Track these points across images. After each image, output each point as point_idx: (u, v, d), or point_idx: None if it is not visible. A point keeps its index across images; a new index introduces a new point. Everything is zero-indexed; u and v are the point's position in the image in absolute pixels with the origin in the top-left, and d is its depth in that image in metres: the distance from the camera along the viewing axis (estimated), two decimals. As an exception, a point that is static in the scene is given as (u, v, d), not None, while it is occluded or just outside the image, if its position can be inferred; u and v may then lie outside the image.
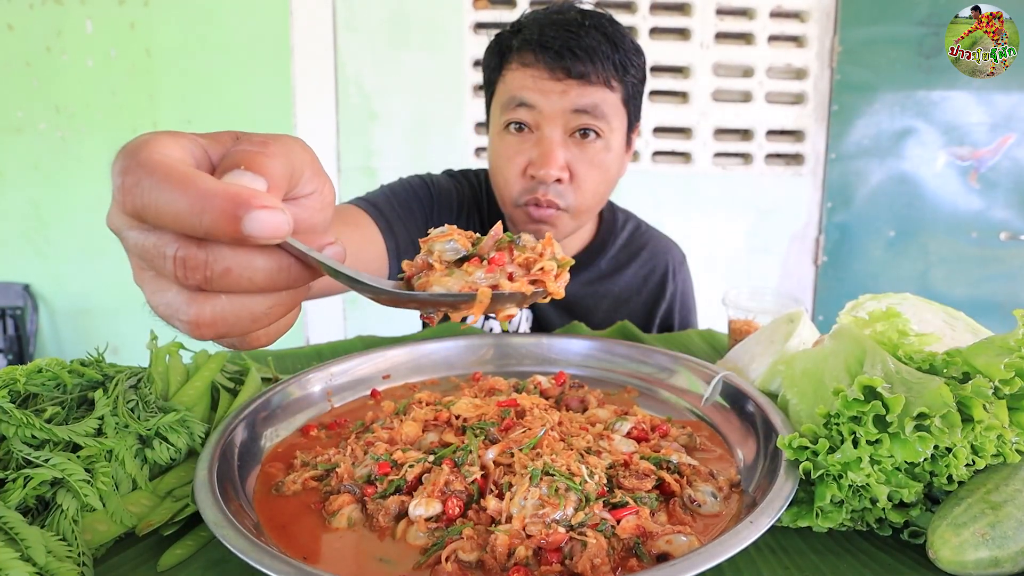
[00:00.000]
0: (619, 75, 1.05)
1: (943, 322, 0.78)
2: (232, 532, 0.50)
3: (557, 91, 1.02)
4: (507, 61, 1.08)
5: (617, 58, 1.05)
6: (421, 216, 1.18)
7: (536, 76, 1.03)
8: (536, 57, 1.03)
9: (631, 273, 1.28)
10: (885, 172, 2.73)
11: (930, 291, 2.79)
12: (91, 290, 2.55)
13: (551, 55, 1.02)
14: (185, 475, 0.64)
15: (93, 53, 2.38)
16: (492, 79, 1.12)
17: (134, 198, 0.33)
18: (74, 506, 0.54)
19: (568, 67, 1.01)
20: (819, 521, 0.57)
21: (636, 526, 0.53)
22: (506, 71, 1.08)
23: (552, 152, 1.03)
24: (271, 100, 2.46)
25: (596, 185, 1.09)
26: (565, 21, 1.03)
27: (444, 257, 0.46)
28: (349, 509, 0.59)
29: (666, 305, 1.30)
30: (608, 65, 1.03)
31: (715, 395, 0.79)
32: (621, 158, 1.14)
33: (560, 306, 1.26)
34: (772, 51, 2.62)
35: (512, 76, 1.06)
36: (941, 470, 0.55)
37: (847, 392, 0.56)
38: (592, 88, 1.03)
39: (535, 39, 1.03)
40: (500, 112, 1.09)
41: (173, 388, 0.76)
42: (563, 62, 1.01)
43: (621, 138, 1.11)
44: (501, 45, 1.09)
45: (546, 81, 1.03)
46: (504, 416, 0.69)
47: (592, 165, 1.07)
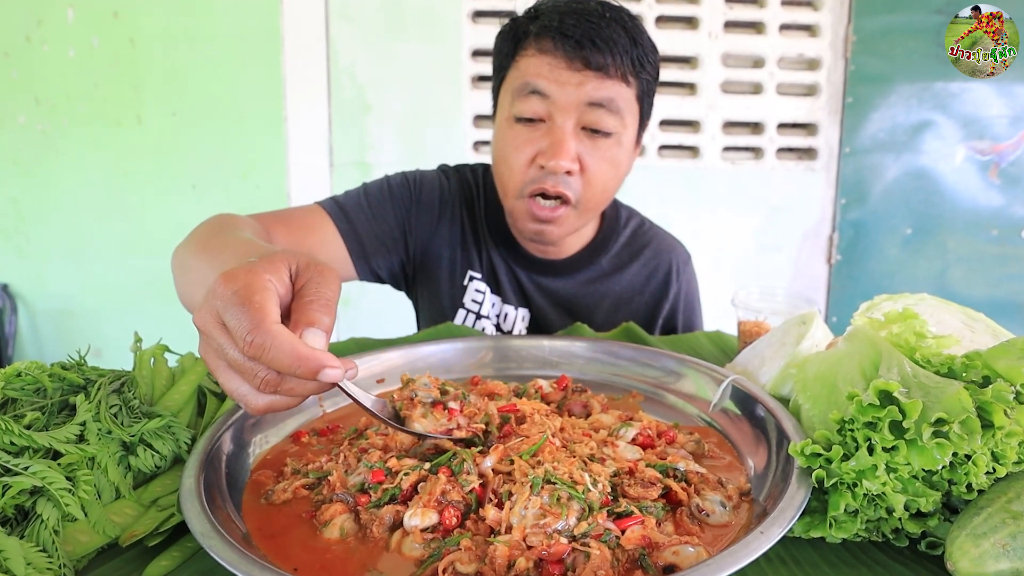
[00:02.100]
0: (636, 71, 1.06)
1: (962, 324, 0.78)
2: (220, 543, 0.50)
3: (573, 82, 1.03)
4: (522, 47, 1.08)
5: (636, 53, 1.06)
6: (396, 217, 1.22)
7: (553, 64, 1.04)
8: (555, 44, 1.03)
9: (633, 272, 1.29)
10: (901, 167, 2.73)
11: (948, 291, 2.79)
12: (73, 290, 2.55)
13: (571, 44, 1.02)
14: (171, 483, 0.64)
15: (75, 43, 2.38)
16: (504, 65, 1.12)
17: (253, 349, 0.50)
18: (55, 516, 0.54)
19: (587, 57, 1.02)
20: (833, 531, 0.56)
21: (641, 536, 0.53)
22: (520, 57, 1.08)
23: (564, 142, 1.04)
24: (261, 92, 2.46)
25: (606, 181, 1.11)
26: (586, 11, 1.04)
27: (422, 399, 0.69)
28: (342, 519, 0.59)
29: (669, 305, 1.31)
30: (627, 60, 1.04)
31: (724, 400, 0.79)
32: (630, 155, 1.15)
33: (559, 305, 1.27)
34: (784, 40, 2.62)
35: (527, 62, 1.07)
36: (960, 478, 0.55)
37: (862, 397, 0.56)
38: (609, 81, 1.04)
39: (555, 26, 1.04)
40: (511, 99, 1.09)
41: (158, 392, 0.76)
42: (582, 52, 1.02)
43: (632, 135, 1.12)
44: (517, 30, 1.10)
45: (563, 70, 1.03)
46: (504, 422, 0.69)
47: (603, 160, 1.08)
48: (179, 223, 1.04)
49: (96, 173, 2.47)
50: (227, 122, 2.47)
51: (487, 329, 1.26)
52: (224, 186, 2.50)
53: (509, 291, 1.26)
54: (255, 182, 2.51)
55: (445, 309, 1.26)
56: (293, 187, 2.53)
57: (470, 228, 1.26)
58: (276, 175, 2.51)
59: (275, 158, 2.50)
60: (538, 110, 1.06)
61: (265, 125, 2.48)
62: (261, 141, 2.49)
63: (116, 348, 2.46)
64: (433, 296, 1.28)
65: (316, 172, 2.53)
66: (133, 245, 2.51)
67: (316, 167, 2.53)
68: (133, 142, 2.45)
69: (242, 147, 2.49)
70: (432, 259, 1.27)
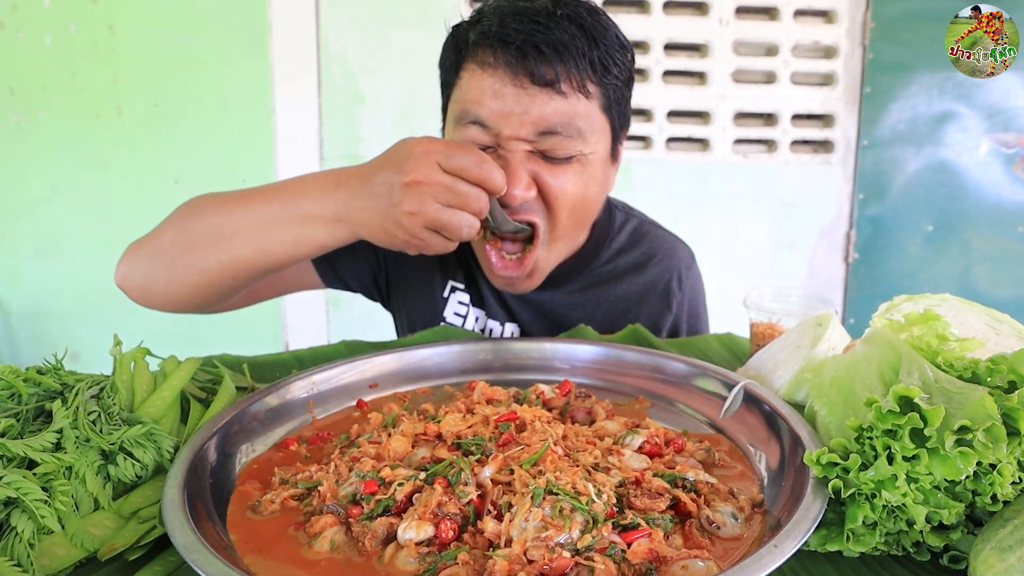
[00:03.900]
0: (597, 77, 0.96)
1: (986, 326, 0.78)
2: (204, 557, 0.50)
3: (519, 108, 0.93)
4: (463, 60, 0.99)
5: (596, 55, 0.95)
6: None
7: (494, 83, 0.94)
8: (495, 56, 0.94)
9: (630, 281, 1.21)
10: (923, 160, 2.73)
11: (972, 291, 2.79)
12: (49, 290, 2.55)
13: (512, 52, 0.92)
14: (152, 494, 0.64)
15: (51, 29, 2.38)
16: (448, 82, 1.04)
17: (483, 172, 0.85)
18: (30, 528, 0.54)
19: (532, 70, 0.92)
20: (850, 545, 0.56)
21: (648, 550, 0.53)
22: (463, 72, 0.99)
23: (515, 171, 0.94)
24: (247, 81, 2.46)
25: (574, 206, 1.02)
26: (532, 11, 0.94)
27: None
28: (332, 532, 0.59)
29: (672, 317, 1.24)
30: (584, 65, 0.94)
31: (736, 406, 0.79)
32: (604, 173, 1.06)
33: (547, 318, 1.20)
34: (798, 27, 2.61)
35: (467, 82, 0.97)
36: (984, 488, 0.55)
37: (881, 403, 0.56)
38: (560, 99, 0.94)
39: (494, 32, 0.93)
40: (453, 126, 1.01)
41: (139, 398, 0.76)
42: (526, 63, 0.92)
43: (604, 150, 1.03)
44: (458, 39, 1.00)
45: (507, 89, 0.93)
46: (502, 431, 0.69)
47: (567, 185, 0.99)
48: (161, 219, 1.04)
49: (73, 167, 2.46)
50: (212, 113, 2.46)
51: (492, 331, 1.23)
52: (209, 180, 2.49)
53: (493, 304, 1.20)
54: (241, 176, 2.51)
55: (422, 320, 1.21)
56: (281, 182, 2.53)
57: None
58: (263, 169, 2.51)
59: (262, 151, 2.50)
60: (481, 139, 0.97)
61: (252, 116, 2.48)
62: (248, 133, 2.49)
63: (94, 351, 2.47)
64: (411, 309, 1.23)
65: (305, 166, 2.53)
66: (112, 243, 2.47)
67: (305, 160, 2.53)
68: (112, 134, 2.44)
69: (228, 139, 2.49)
70: (407, 268, 1.22)
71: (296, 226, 0.91)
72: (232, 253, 0.93)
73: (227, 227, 0.93)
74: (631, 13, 2.52)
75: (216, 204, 0.97)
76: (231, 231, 0.93)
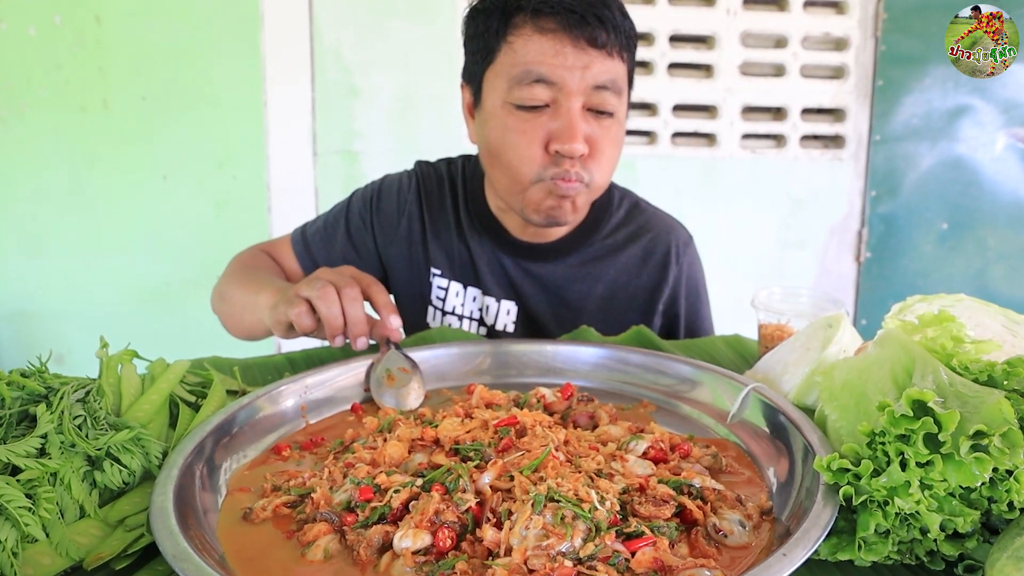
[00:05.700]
0: (627, 44, 1.11)
1: (1003, 327, 0.78)
2: (194, 566, 0.50)
3: (580, 65, 1.06)
4: (514, 25, 1.09)
5: (627, 26, 1.10)
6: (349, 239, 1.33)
7: (556, 46, 1.06)
8: (557, 22, 1.05)
9: (628, 254, 1.30)
10: (937, 156, 2.73)
11: (988, 292, 2.79)
12: (32, 290, 2.55)
13: (575, 20, 1.04)
14: (140, 501, 0.64)
15: (35, 20, 2.38)
16: (491, 47, 1.12)
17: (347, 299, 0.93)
18: (13, 536, 0.54)
19: (592, 36, 1.05)
20: (862, 554, 0.56)
21: (653, 559, 0.53)
22: (514, 37, 1.09)
23: (575, 126, 1.07)
24: (237, 74, 2.46)
25: (612, 161, 1.16)
26: None
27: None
28: (326, 540, 0.59)
29: (670, 290, 1.31)
30: (620, 35, 1.08)
31: (744, 410, 0.79)
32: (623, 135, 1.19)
33: (549, 292, 1.28)
34: (808, 18, 2.62)
35: (524, 45, 1.08)
36: (1001, 496, 0.55)
37: (894, 407, 0.56)
38: (609, 60, 1.08)
39: (555, 0, 1.06)
40: (507, 86, 1.10)
41: (126, 402, 0.76)
42: (587, 30, 1.05)
43: (623, 115, 1.17)
44: (506, 5, 1.10)
45: (568, 53, 1.05)
46: (502, 436, 0.69)
47: (609, 140, 1.13)
48: (149, 217, 1.05)
49: (58, 162, 2.46)
50: (201, 107, 2.46)
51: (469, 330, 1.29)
52: (198, 177, 2.50)
53: (491, 282, 1.28)
54: (232, 172, 2.51)
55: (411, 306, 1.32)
56: (273, 178, 2.52)
57: (432, 222, 1.30)
58: (255, 165, 2.51)
59: (254, 146, 2.50)
60: (543, 97, 1.08)
61: (243, 110, 2.47)
62: (238, 128, 2.49)
63: (80, 354, 2.46)
64: (397, 295, 1.34)
65: (298, 162, 2.53)
66: (99, 241, 2.50)
67: (298, 156, 2.52)
68: (99, 129, 2.44)
69: (218, 134, 2.49)
70: (393, 260, 1.33)
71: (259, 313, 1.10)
72: (244, 322, 1.21)
73: (236, 303, 1.20)
74: (636, 3, 2.52)
75: (230, 280, 1.25)
76: (239, 308, 1.19)
